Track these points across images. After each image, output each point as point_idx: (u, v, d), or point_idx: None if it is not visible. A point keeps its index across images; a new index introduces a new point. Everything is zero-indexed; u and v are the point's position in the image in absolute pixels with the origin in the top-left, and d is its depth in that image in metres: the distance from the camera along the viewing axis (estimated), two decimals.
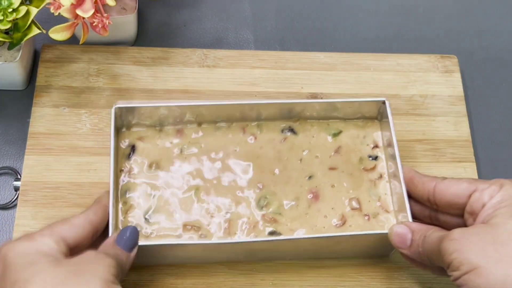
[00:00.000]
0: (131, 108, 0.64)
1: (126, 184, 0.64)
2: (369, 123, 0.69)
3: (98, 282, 0.50)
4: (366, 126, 0.69)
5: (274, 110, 0.67)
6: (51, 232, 0.54)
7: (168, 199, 0.64)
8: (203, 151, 0.66)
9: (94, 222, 0.58)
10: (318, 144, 0.67)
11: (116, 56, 0.74)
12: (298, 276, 0.65)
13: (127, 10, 0.73)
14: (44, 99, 0.71)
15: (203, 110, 0.65)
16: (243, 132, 0.67)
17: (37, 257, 0.51)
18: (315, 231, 0.63)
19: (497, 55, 0.81)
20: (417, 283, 0.65)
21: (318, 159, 0.67)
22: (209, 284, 0.63)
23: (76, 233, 0.56)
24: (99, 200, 0.61)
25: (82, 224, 0.57)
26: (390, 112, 0.65)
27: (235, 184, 0.65)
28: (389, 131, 0.65)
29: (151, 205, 0.63)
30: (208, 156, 0.66)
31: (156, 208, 0.63)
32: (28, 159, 0.67)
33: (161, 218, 0.63)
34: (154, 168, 0.65)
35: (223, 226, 0.63)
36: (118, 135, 0.66)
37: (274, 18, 0.81)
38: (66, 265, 0.51)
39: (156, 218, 0.63)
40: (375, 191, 0.66)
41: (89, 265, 0.51)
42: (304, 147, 0.67)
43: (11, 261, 0.51)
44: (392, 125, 0.64)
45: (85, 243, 0.57)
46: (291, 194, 0.65)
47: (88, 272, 0.50)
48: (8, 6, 0.63)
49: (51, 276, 0.50)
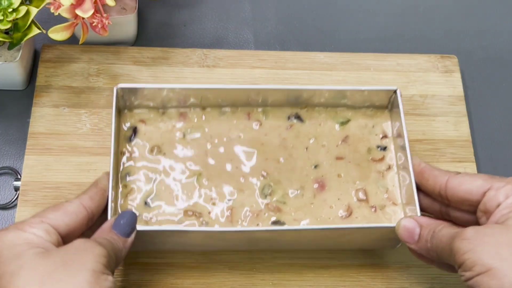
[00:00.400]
0: (133, 89, 0.63)
1: (127, 167, 0.63)
2: (378, 113, 0.68)
3: (86, 274, 0.48)
4: (376, 115, 0.67)
5: (281, 96, 0.65)
6: (42, 221, 0.52)
7: (170, 184, 0.63)
8: (206, 136, 0.65)
9: (89, 208, 0.55)
10: (325, 133, 0.66)
11: (116, 56, 0.74)
12: (298, 276, 0.65)
13: (127, 10, 0.73)
14: (44, 99, 0.71)
15: (208, 93, 0.64)
16: (248, 118, 0.66)
17: (24, 248, 0.49)
18: (320, 221, 0.63)
19: (497, 55, 0.81)
20: (417, 283, 0.65)
21: (325, 148, 0.66)
22: (209, 284, 0.63)
23: (69, 220, 0.54)
24: (97, 183, 0.58)
25: (76, 210, 0.55)
26: (401, 101, 0.64)
27: (238, 171, 0.64)
28: (399, 121, 0.64)
29: (152, 190, 0.63)
30: (212, 141, 0.65)
31: (157, 192, 0.62)
32: (28, 159, 0.67)
33: (162, 203, 0.62)
34: (156, 152, 0.64)
35: (225, 214, 0.62)
36: (120, 117, 0.65)
37: (274, 18, 0.81)
38: (54, 256, 0.49)
39: (157, 203, 0.62)
40: (383, 183, 0.65)
41: (77, 255, 0.49)
42: (311, 135, 0.66)
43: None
44: (402, 115, 0.63)
45: (80, 230, 0.55)
46: (296, 183, 0.64)
47: (75, 263, 0.48)
48: (8, 6, 0.63)
49: (37, 269, 0.48)
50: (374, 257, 0.66)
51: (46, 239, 0.51)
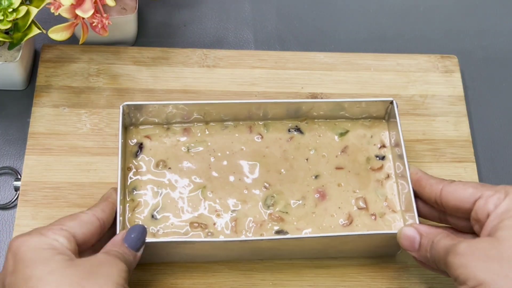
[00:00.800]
0: (139, 106, 0.64)
1: (134, 181, 0.64)
2: (376, 123, 0.69)
3: (111, 286, 0.50)
4: (373, 126, 0.69)
5: (281, 110, 0.67)
6: (61, 228, 0.54)
7: (175, 197, 0.64)
8: (210, 150, 0.67)
9: (101, 219, 0.58)
10: (325, 144, 0.68)
11: (116, 56, 0.74)
12: (298, 276, 0.65)
13: (127, 10, 0.73)
14: (44, 99, 0.71)
15: (210, 108, 0.66)
16: (249, 131, 0.68)
17: (50, 253, 0.51)
18: (322, 230, 0.64)
19: (497, 55, 0.81)
20: (417, 283, 0.65)
21: (325, 158, 0.67)
22: (210, 284, 0.64)
23: (85, 229, 0.56)
24: (107, 197, 0.61)
25: (91, 220, 0.57)
26: (398, 112, 0.65)
27: (241, 183, 0.65)
28: (396, 131, 0.65)
29: (159, 203, 0.64)
30: (215, 155, 0.66)
31: (163, 206, 0.64)
32: (28, 159, 0.67)
33: (168, 215, 0.63)
34: (161, 166, 0.65)
35: (230, 225, 0.63)
36: (126, 133, 0.66)
37: (274, 18, 0.81)
38: (80, 266, 0.51)
39: (163, 215, 0.63)
40: (382, 191, 0.66)
41: (103, 268, 0.52)
42: (311, 147, 0.68)
43: (23, 256, 0.51)
44: (399, 125, 0.65)
45: (93, 240, 0.57)
46: (298, 193, 0.65)
47: (102, 275, 0.51)
48: (8, 6, 0.63)
49: (65, 277, 0.50)
50: (374, 258, 0.66)
51: (67, 246, 0.53)
